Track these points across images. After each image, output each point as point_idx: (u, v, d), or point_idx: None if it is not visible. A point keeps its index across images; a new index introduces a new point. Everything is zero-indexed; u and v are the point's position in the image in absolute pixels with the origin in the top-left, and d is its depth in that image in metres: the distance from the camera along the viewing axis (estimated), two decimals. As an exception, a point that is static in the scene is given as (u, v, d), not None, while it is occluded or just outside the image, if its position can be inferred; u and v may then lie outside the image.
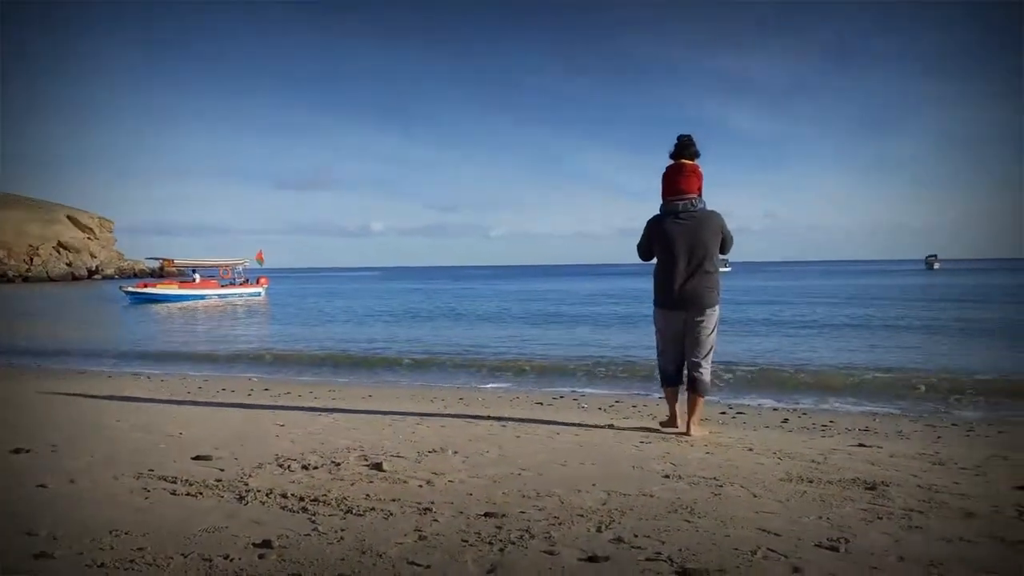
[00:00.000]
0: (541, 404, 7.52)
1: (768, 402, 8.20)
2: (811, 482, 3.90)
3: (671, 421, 5.63)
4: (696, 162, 5.25)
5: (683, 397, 5.57)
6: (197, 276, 40.44)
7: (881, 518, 3.23)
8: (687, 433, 5.34)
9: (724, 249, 5.25)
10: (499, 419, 6.13)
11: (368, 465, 4.20)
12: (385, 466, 4.14)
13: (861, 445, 5.14)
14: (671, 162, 5.24)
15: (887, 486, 3.79)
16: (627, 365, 11.56)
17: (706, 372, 5.27)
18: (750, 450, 4.84)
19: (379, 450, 4.63)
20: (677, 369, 5.42)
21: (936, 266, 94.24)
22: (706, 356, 5.26)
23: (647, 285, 5.75)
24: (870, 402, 8.23)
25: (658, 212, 5.27)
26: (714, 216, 5.16)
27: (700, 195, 5.20)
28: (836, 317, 21.34)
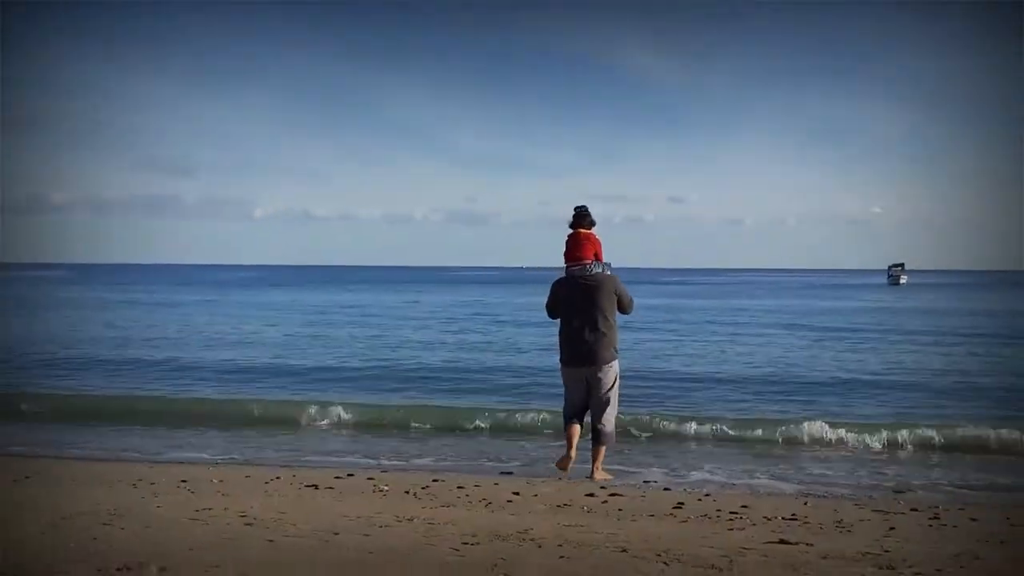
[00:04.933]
0: (316, 487, 7.30)
1: (657, 475, 8.50)
2: (708, 602, 3.87)
3: (564, 462, 8.07)
4: (592, 230, 8.26)
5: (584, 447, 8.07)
6: None
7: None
8: (590, 477, 7.94)
9: (623, 308, 8.15)
10: (243, 515, 5.88)
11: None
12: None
13: (783, 542, 5.27)
14: (570, 231, 8.25)
15: (815, 604, 3.81)
16: (456, 420, 11.66)
17: (609, 424, 8.10)
18: (623, 551, 4.88)
19: None
20: (579, 412, 8.15)
21: (903, 280, 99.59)
22: (608, 410, 8.07)
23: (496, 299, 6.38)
24: (800, 474, 8.61)
25: (562, 275, 8.19)
26: (609, 280, 8.09)
27: (597, 260, 8.14)
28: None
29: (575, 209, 8.37)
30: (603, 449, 8.13)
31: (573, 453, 8.04)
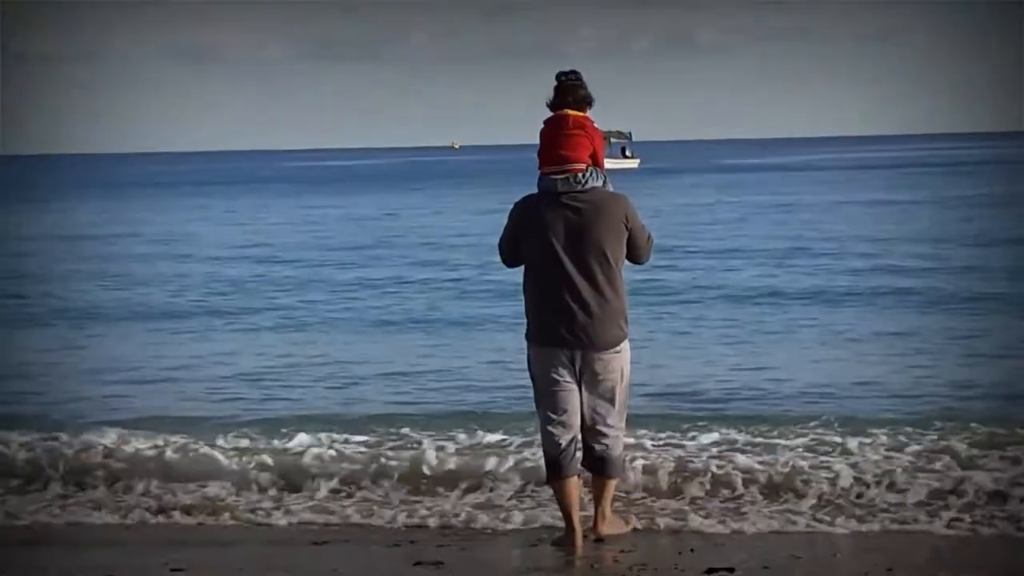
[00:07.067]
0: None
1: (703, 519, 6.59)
2: None
3: (568, 535, 6.07)
4: (588, 112, 6.11)
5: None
6: None
7: None
8: (595, 531, 6.14)
9: (635, 253, 6.09)
10: None
11: None
12: None
13: None
14: (551, 115, 6.10)
15: None
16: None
17: (615, 443, 6.08)
18: None
19: None
20: (573, 447, 6.02)
21: None
22: (614, 420, 6.05)
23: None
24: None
25: (534, 192, 6.10)
26: (617, 202, 6.02)
27: (595, 166, 6.00)
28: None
29: (558, 77, 6.13)
30: (612, 484, 6.18)
31: (577, 527, 6.00)
